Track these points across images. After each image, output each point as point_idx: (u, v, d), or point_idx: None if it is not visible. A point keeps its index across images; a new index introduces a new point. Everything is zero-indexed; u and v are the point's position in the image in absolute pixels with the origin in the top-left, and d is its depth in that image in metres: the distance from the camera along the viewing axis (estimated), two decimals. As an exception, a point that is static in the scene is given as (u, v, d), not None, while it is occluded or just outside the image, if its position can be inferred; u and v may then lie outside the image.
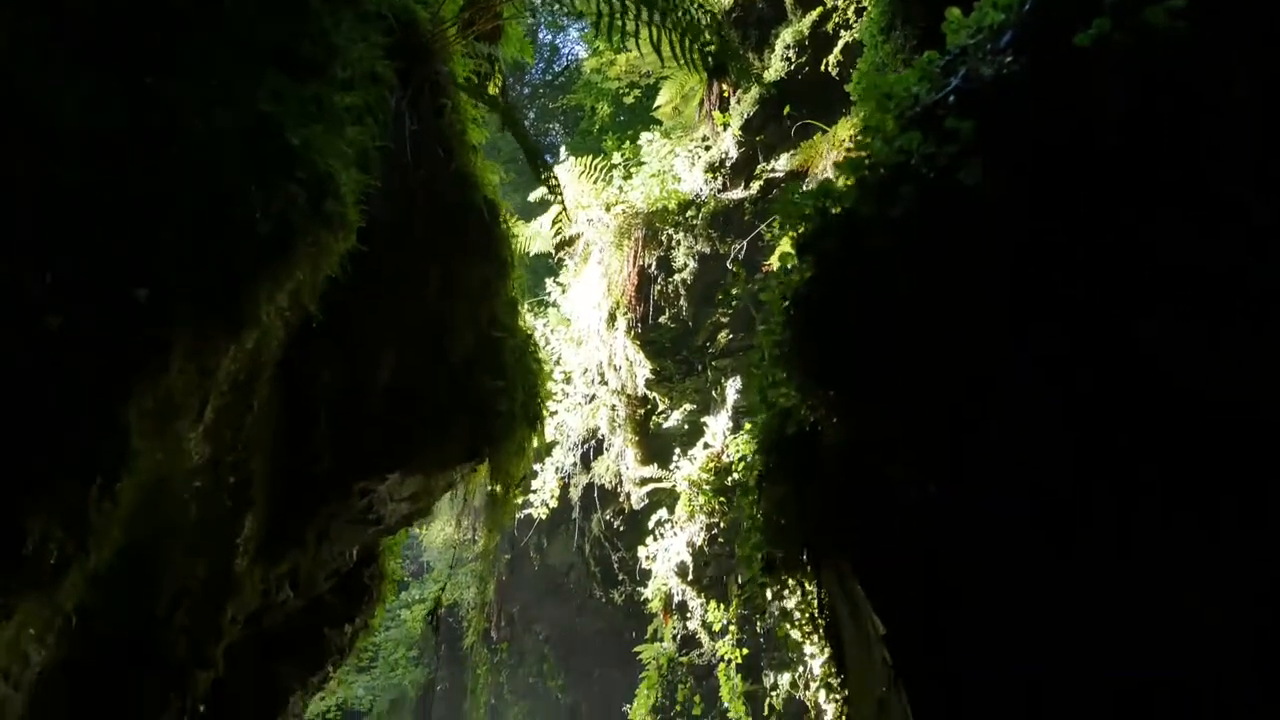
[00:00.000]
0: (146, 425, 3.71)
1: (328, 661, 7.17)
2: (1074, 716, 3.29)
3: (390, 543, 7.49)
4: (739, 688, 14.31)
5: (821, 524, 4.10)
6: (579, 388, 16.92)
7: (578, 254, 17.42)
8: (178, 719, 4.82)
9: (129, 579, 4.37)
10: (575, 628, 19.71)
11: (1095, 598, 3.32)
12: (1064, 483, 3.45)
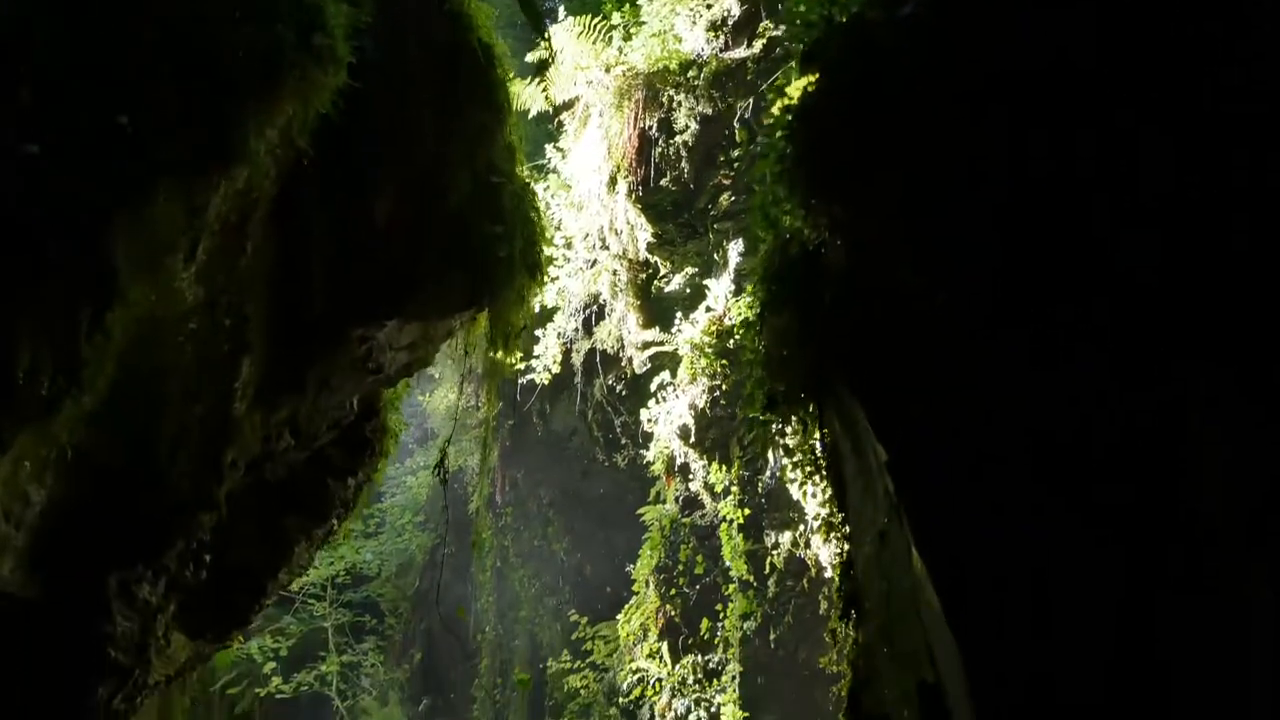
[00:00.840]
0: (135, 258, 3.66)
1: (332, 514, 7.22)
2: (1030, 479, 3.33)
3: (391, 396, 7.47)
4: (740, 547, 14.48)
5: (824, 351, 4.06)
6: (580, 253, 16.79)
7: (577, 117, 17.14)
8: (182, 558, 4.86)
9: (127, 419, 4.36)
10: (578, 491, 19.88)
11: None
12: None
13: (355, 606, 23.63)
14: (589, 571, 19.85)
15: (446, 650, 21.61)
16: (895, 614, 3.97)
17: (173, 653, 5.95)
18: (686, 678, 15.08)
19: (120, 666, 4.98)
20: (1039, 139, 3.52)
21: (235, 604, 6.61)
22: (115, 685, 5.19)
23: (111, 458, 4.35)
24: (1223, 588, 3.26)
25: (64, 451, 3.81)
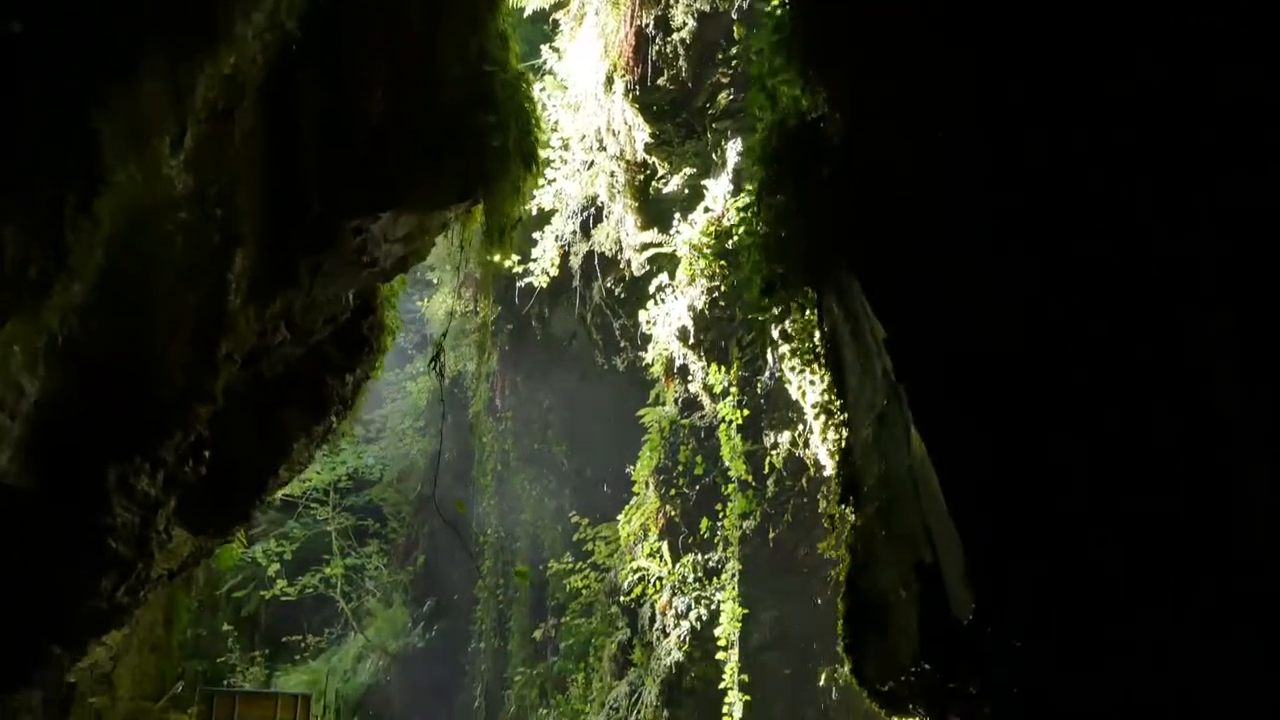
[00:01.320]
0: (121, 141, 3.60)
1: (331, 411, 7.23)
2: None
3: (388, 294, 7.44)
4: (739, 447, 14.52)
5: (822, 229, 4.01)
6: (577, 154, 16.61)
7: (573, 15, 16.85)
8: (180, 451, 4.85)
9: (120, 311, 4.33)
10: (578, 394, 19.91)
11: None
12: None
13: (358, 511, 23.85)
14: (589, 474, 19.96)
15: (449, 553, 21.80)
16: (893, 496, 3.98)
17: (175, 547, 5.99)
18: (686, 576, 15.22)
19: (122, 558, 5.01)
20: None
21: (236, 500, 6.65)
22: (118, 577, 5.22)
23: (106, 350, 4.32)
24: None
25: (56, 341, 3.78)
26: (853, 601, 4.41)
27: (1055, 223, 3.33)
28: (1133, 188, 3.32)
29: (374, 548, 23.70)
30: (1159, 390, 3.21)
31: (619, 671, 17.28)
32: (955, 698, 4.15)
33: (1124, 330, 3.24)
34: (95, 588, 5.01)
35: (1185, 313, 3.24)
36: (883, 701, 4.50)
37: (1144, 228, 3.32)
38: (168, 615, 10.39)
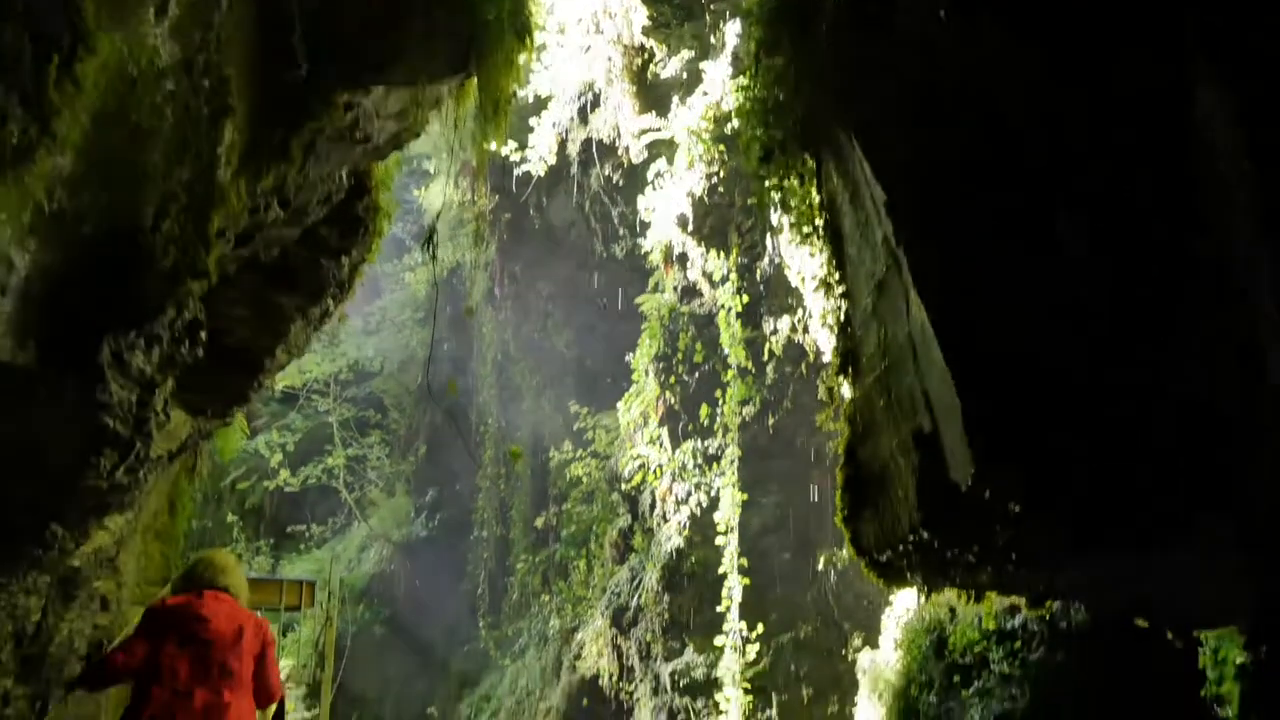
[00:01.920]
0: (103, 4, 3.50)
1: (327, 294, 7.19)
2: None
3: (383, 176, 7.34)
4: (739, 334, 14.52)
5: (820, 90, 3.92)
6: (574, 38, 16.34)
7: (567, -106, 16.45)
8: (174, 329, 4.81)
9: (109, 184, 4.26)
10: (577, 283, 19.86)
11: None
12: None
13: (359, 402, 23.98)
14: (589, 363, 19.99)
15: (450, 443, 21.94)
16: (892, 364, 3.96)
17: (173, 429, 5.99)
18: (686, 463, 15.32)
19: (120, 437, 4.99)
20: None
21: (234, 382, 6.65)
22: (117, 456, 5.21)
23: (96, 225, 4.26)
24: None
25: (42, 210, 3.71)
26: (851, 472, 4.41)
27: (1068, 69, 3.25)
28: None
29: (375, 438, 23.87)
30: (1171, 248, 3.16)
31: (620, 557, 17.49)
32: (954, 566, 4.18)
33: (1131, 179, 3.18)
34: (94, 466, 5.00)
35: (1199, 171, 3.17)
36: (881, 572, 4.54)
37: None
38: (171, 502, 10.44)
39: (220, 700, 6.43)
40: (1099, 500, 3.40)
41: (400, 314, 23.63)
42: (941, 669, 8.50)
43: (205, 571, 6.94)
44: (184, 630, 6.52)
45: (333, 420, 23.01)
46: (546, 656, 18.69)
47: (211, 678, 6.46)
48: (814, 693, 14.12)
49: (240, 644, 6.62)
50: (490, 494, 21.11)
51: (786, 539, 14.78)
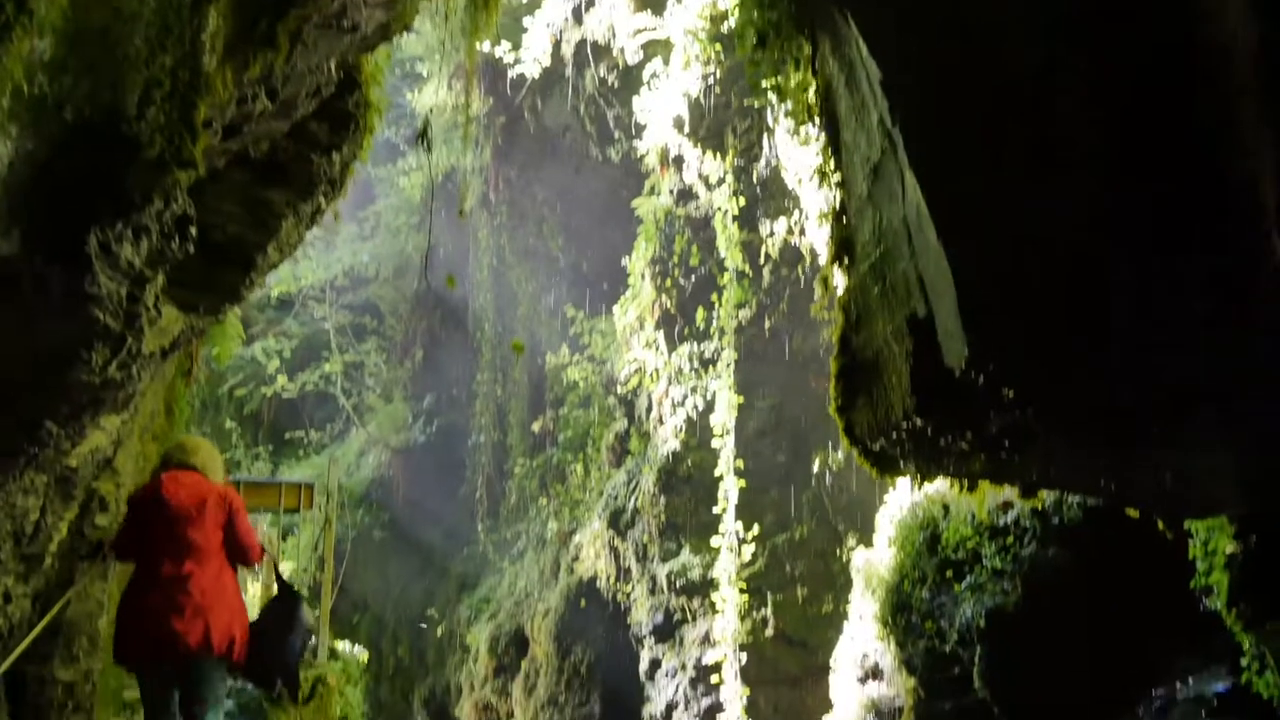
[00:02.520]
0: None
1: (319, 190, 7.11)
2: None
3: (372, 70, 7.23)
4: (735, 236, 14.44)
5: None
6: (567, -67, 16.06)
7: None
8: (162, 221, 4.77)
9: (93, 70, 4.19)
10: (573, 188, 19.70)
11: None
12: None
13: (355, 308, 23.93)
14: (585, 268, 19.92)
15: (447, 348, 21.96)
16: (887, 249, 3.92)
17: (165, 325, 5.96)
18: (682, 366, 15.34)
19: (111, 331, 4.97)
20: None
21: (225, 279, 6.61)
22: (108, 351, 5.20)
23: (79, 111, 4.19)
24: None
25: (22, 94, 3.65)
26: (845, 361, 4.40)
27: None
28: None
29: (372, 344, 23.88)
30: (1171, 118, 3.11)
31: (616, 461, 17.60)
32: (947, 454, 4.18)
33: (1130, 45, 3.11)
34: (85, 360, 4.98)
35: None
36: (874, 461, 4.55)
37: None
38: (168, 405, 10.46)
39: (181, 571, 6.81)
40: (1092, 386, 3.39)
41: (395, 219, 23.46)
42: (934, 564, 8.60)
43: (174, 454, 7.48)
44: (151, 511, 6.99)
45: (329, 326, 22.98)
46: (544, 559, 18.89)
47: (175, 551, 6.87)
48: (809, 592, 14.30)
49: (203, 516, 6.98)
50: (487, 399, 21.17)
51: (782, 441, 14.86)
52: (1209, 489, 4.37)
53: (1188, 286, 3.15)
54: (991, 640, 7.89)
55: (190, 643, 6.72)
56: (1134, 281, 3.17)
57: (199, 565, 6.90)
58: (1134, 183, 3.11)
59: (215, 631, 6.82)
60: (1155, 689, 7.21)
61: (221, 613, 6.91)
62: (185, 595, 6.78)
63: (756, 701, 13.95)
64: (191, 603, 6.77)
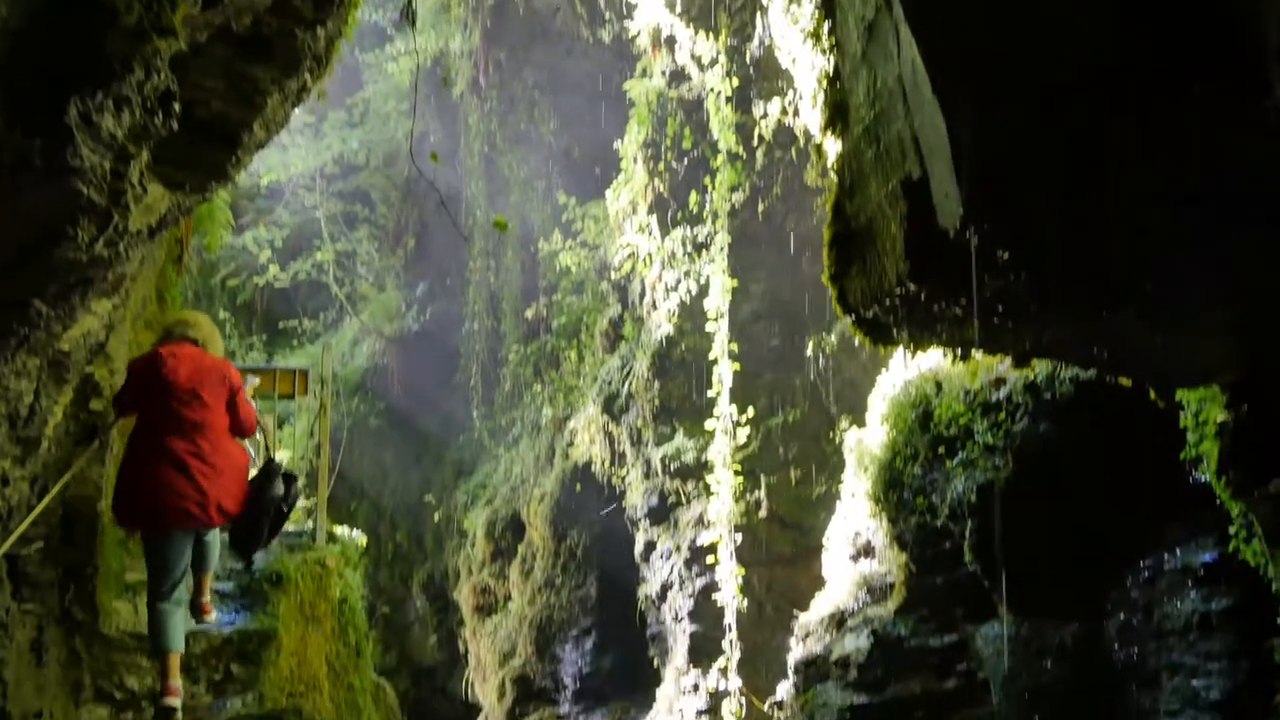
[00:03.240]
0: None
1: (303, 67, 6.96)
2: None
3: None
4: (729, 118, 14.28)
5: None
6: None
7: None
8: (144, 93, 4.68)
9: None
10: (564, 71, 19.40)
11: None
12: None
13: (346, 196, 23.72)
14: (576, 153, 19.71)
15: (440, 236, 21.82)
16: (881, 111, 3.86)
17: (152, 203, 5.89)
18: (676, 250, 15.28)
19: (96, 206, 4.92)
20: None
21: (211, 156, 6.50)
22: (94, 228, 5.15)
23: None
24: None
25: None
26: (838, 228, 4.36)
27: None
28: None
29: (364, 233, 23.70)
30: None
31: (610, 346, 17.63)
32: (940, 320, 4.17)
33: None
34: (71, 237, 4.94)
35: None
36: (868, 330, 4.54)
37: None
38: (160, 293, 10.43)
39: (190, 446, 7.29)
40: (1087, 242, 3.36)
41: (384, 105, 23.11)
42: (926, 441, 8.66)
43: (175, 328, 7.90)
44: (152, 379, 7.38)
45: (320, 215, 22.78)
46: (539, 445, 19.02)
47: (181, 426, 7.31)
48: (802, 474, 14.44)
49: (206, 391, 7.42)
50: (481, 286, 21.10)
51: (776, 325, 14.88)
52: (1200, 355, 4.38)
53: (1187, 129, 3.09)
54: (982, 515, 7.98)
55: (200, 514, 7.25)
56: (1133, 129, 3.11)
57: (206, 440, 7.33)
58: (1135, 24, 3.03)
59: (224, 501, 7.36)
60: (1143, 560, 7.31)
61: (227, 484, 7.42)
62: (195, 469, 7.23)
63: (750, 581, 14.17)
64: (201, 476, 7.23)
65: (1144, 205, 3.13)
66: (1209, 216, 3.07)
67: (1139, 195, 3.13)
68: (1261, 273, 3.43)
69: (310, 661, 10.35)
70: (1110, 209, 3.20)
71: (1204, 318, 3.87)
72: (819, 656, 9.99)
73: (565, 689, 17.74)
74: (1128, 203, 3.15)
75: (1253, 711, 6.53)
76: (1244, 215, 3.03)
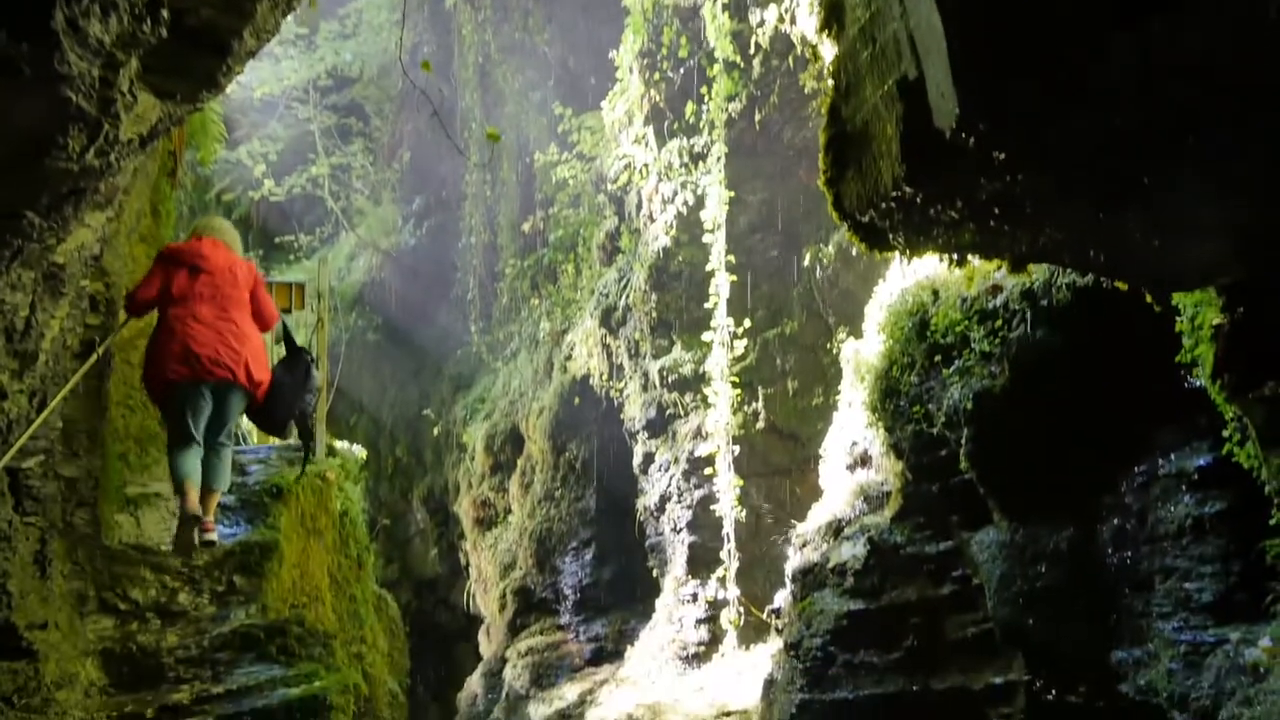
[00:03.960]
0: None
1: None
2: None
3: None
4: (725, 26, 14.09)
5: None
6: None
7: None
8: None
9: None
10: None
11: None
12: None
13: (340, 110, 23.53)
14: (572, 64, 19.49)
15: (435, 149, 21.65)
16: (877, 10, 3.80)
17: (142, 112, 5.81)
18: (672, 161, 15.18)
19: (86, 114, 4.87)
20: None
21: (201, 64, 6.38)
22: (84, 137, 5.11)
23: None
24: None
25: None
26: (834, 132, 4.31)
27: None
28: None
29: (359, 146, 23.54)
30: None
31: (607, 259, 17.58)
32: (936, 224, 4.15)
33: None
34: (61, 146, 4.90)
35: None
36: (863, 235, 4.51)
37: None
38: (154, 207, 10.37)
39: (225, 315, 8.20)
40: (1086, 145, 3.33)
41: (377, 16, 22.82)
42: (923, 350, 8.67)
43: (204, 228, 8.82)
44: (189, 263, 8.27)
45: (314, 128, 22.60)
46: (537, 359, 19.05)
47: (215, 299, 8.21)
48: (799, 385, 14.49)
49: (235, 277, 8.37)
50: (477, 200, 20.97)
51: (773, 236, 14.83)
52: (1197, 256, 4.36)
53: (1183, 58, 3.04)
54: (978, 422, 8.02)
55: (233, 369, 8.12)
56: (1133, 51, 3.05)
57: (238, 314, 8.29)
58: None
59: (252, 367, 8.24)
60: (1138, 465, 7.35)
61: (257, 355, 8.34)
62: (227, 330, 8.16)
63: (748, 492, 14.30)
64: (232, 337, 8.17)
65: (1148, 89, 3.08)
66: (1213, 108, 3.03)
67: (1146, 77, 3.07)
68: (1264, 167, 3.40)
69: (312, 573, 10.46)
70: (1114, 85, 3.14)
71: (1203, 216, 3.84)
72: (816, 565, 10.10)
73: (565, 600, 17.96)
74: (1134, 87, 3.09)
75: (1243, 613, 6.61)
76: (1251, 104, 2.98)
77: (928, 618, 8.99)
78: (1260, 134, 3.11)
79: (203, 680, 8.20)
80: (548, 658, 17.37)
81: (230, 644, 8.46)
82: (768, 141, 14.66)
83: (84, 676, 7.76)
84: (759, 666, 12.48)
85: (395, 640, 12.77)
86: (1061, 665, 7.77)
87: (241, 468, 10.27)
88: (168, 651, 8.20)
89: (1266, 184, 3.52)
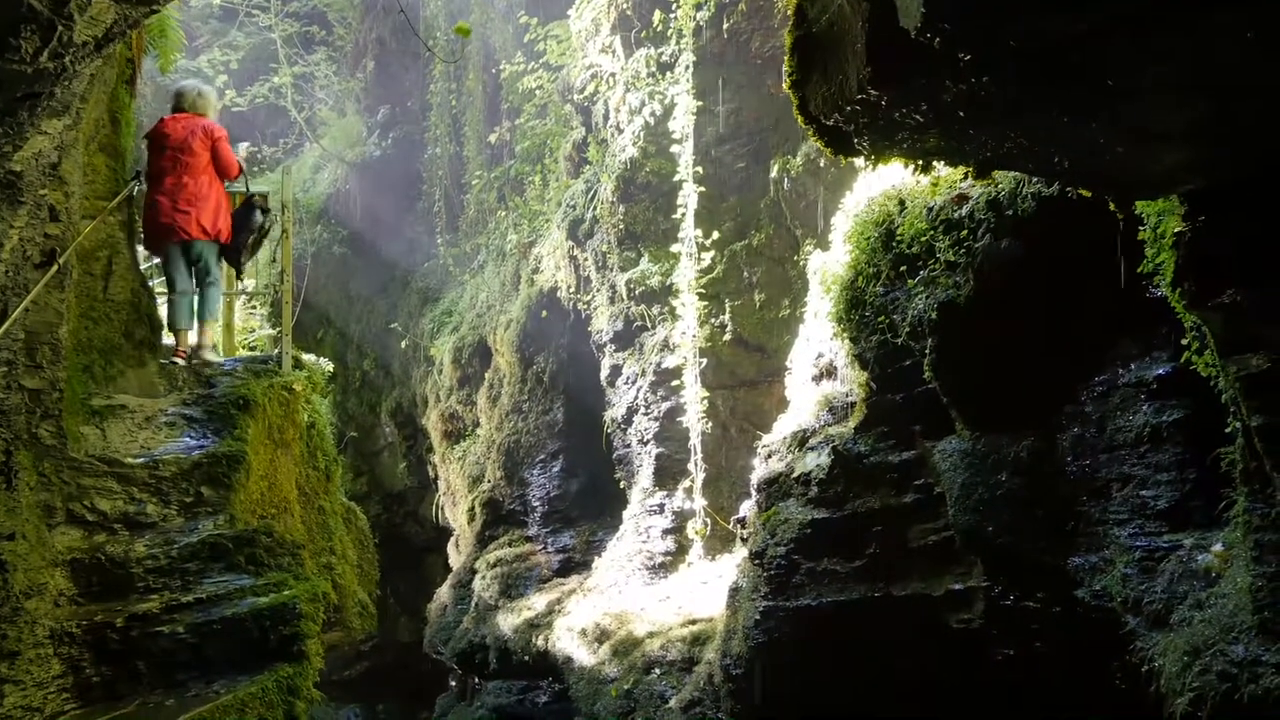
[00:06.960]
0: None
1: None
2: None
3: None
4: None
5: None
6: None
7: None
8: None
9: None
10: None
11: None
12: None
13: (302, 17, 23.10)
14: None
15: (400, 59, 21.34)
16: (845, -94, 3.74)
17: (97, 13, 5.70)
18: (640, 71, 15.02)
19: (39, 14, 4.78)
20: None
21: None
22: (39, 39, 5.02)
23: None
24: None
25: None
26: (800, 32, 4.26)
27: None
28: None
29: (321, 56, 23.15)
30: None
31: (575, 170, 17.47)
32: (901, 129, 4.13)
33: None
34: (14, 48, 4.81)
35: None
36: (829, 139, 4.48)
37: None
38: (113, 115, 10.21)
39: (179, 181, 10.44)
40: (1051, 47, 3.31)
41: (339, -80, 22.40)
42: (889, 260, 8.68)
43: (175, 100, 11.03)
44: (158, 143, 10.54)
45: (276, 36, 22.19)
46: (505, 271, 18.98)
47: (174, 168, 10.46)
48: (766, 298, 14.52)
49: (193, 142, 10.49)
50: (442, 111, 20.72)
51: (741, 147, 14.75)
52: (1160, 163, 4.36)
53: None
54: (943, 332, 8.05)
55: (186, 229, 10.43)
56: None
57: (191, 177, 10.46)
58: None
59: (204, 221, 10.48)
60: (1099, 375, 7.42)
61: (207, 209, 10.51)
62: (182, 199, 10.42)
63: (715, 404, 14.39)
64: (185, 203, 10.42)
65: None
66: (1177, 5, 3.01)
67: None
68: (1226, 68, 3.40)
69: (280, 485, 10.48)
70: (1077, 24, 3.13)
71: (1167, 121, 3.84)
72: (781, 475, 10.20)
73: (534, 512, 18.11)
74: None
75: (1198, 520, 6.73)
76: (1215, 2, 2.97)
77: (890, 526, 9.11)
78: (1224, 29, 3.10)
79: (172, 590, 8.25)
80: (516, 569, 17.55)
81: (199, 554, 8.50)
82: (736, 50, 14.51)
83: (53, 586, 7.79)
84: (724, 576, 12.66)
85: (364, 552, 12.85)
86: (1020, 571, 7.91)
87: (208, 380, 10.24)
88: (136, 561, 8.24)
89: (1228, 86, 3.52)
